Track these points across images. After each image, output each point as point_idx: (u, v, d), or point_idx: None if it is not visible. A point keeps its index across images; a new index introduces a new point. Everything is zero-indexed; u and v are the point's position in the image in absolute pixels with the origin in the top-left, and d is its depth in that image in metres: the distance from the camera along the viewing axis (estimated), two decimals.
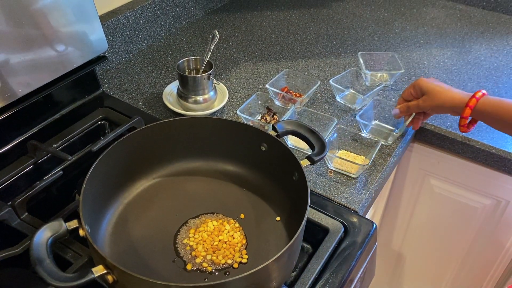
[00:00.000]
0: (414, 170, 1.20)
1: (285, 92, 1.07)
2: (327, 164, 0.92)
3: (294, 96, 1.07)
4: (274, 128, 0.78)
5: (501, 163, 1.02)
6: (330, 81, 1.08)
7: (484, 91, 0.85)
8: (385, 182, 0.97)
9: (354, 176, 0.90)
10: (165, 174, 0.84)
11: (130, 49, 1.24)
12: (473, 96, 0.85)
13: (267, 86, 1.06)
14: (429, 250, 1.34)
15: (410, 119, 0.98)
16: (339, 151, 0.96)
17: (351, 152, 0.96)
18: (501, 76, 1.21)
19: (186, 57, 1.04)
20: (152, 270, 0.69)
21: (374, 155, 0.92)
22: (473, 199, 1.16)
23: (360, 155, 0.95)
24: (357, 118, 0.99)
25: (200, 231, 0.75)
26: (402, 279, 1.48)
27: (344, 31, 1.41)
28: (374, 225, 0.81)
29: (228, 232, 0.75)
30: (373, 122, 1.04)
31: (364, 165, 0.89)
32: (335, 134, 0.95)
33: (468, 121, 0.88)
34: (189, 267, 0.70)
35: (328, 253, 0.75)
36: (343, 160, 0.90)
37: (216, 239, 0.74)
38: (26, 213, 0.77)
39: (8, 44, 0.80)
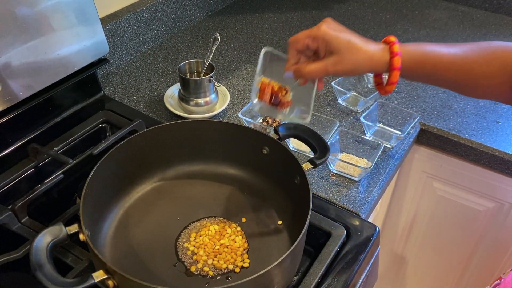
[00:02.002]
0: (417, 173, 1.19)
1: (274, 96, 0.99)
2: (329, 167, 0.92)
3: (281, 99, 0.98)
4: (276, 131, 0.78)
5: (505, 166, 1.01)
6: (332, 83, 1.07)
7: (394, 39, 0.68)
8: (387, 185, 0.96)
9: (356, 179, 0.90)
10: (166, 178, 0.84)
11: (131, 52, 1.24)
12: (394, 53, 0.67)
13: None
14: (432, 253, 1.33)
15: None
16: (341, 154, 0.95)
17: (353, 155, 0.95)
18: None
19: (187, 60, 1.04)
20: (153, 275, 0.68)
21: (376, 158, 0.91)
22: (476, 202, 1.15)
23: (362, 158, 0.94)
24: (362, 119, 0.98)
25: (201, 235, 0.74)
26: (405, 282, 1.47)
27: None
28: (377, 228, 0.80)
29: (230, 236, 0.75)
30: (377, 125, 1.03)
31: (366, 168, 0.89)
32: (337, 137, 0.95)
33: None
34: (191, 270, 0.69)
35: (330, 257, 0.74)
36: (346, 163, 0.90)
37: (217, 243, 0.73)
38: (27, 217, 0.77)
39: (9, 46, 0.80)
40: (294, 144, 0.96)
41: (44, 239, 0.57)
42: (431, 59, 0.69)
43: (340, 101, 1.10)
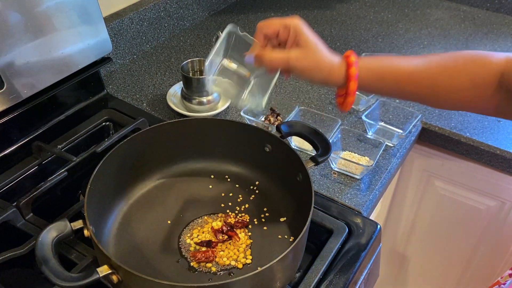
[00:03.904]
0: (418, 171, 1.20)
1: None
2: (331, 165, 0.92)
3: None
4: (278, 129, 0.79)
5: (506, 164, 1.02)
6: None
7: (350, 52, 0.66)
8: (389, 183, 0.97)
9: (358, 177, 0.90)
10: (169, 175, 0.84)
11: (134, 51, 1.25)
12: (349, 63, 0.65)
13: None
14: (434, 251, 1.33)
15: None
16: (343, 152, 0.96)
17: (355, 153, 0.96)
18: None
19: (190, 59, 1.04)
20: (156, 270, 0.69)
21: (378, 156, 0.92)
22: (477, 201, 1.16)
23: (364, 156, 0.95)
24: (363, 117, 0.98)
25: (204, 232, 0.75)
26: (407, 280, 1.48)
27: (347, 33, 1.41)
28: (378, 226, 0.81)
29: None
30: (379, 123, 1.04)
31: (368, 166, 0.89)
32: (339, 135, 0.95)
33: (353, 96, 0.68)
34: (194, 266, 0.70)
35: (332, 254, 0.75)
36: (347, 161, 0.90)
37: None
38: (31, 214, 0.78)
39: (13, 45, 0.81)
40: (296, 142, 0.97)
41: (49, 234, 0.58)
42: (390, 71, 0.66)
43: None
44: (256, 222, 0.77)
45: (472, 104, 0.67)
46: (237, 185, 0.84)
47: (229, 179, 0.85)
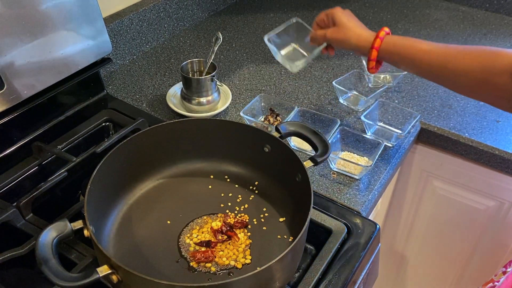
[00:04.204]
0: (417, 172, 1.20)
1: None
2: (330, 165, 0.93)
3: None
4: (277, 130, 0.79)
5: (505, 165, 1.02)
6: (333, 82, 1.08)
7: (387, 30, 0.84)
8: (388, 183, 0.97)
9: (357, 177, 0.91)
10: (169, 175, 0.84)
11: (134, 51, 1.25)
12: (377, 36, 0.83)
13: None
14: (433, 251, 1.33)
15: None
16: (342, 153, 0.96)
17: (354, 153, 0.96)
18: None
19: (189, 59, 1.05)
20: (156, 270, 0.69)
21: (377, 157, 0.92)
22: (476, 201, 1.16)
23: (363, 157, 0.95)
24: (362, 118, 0.99)
25: (203, 232, 0.75)
26: (405, 280, 1.48)
27: None
28: (377, 226, 0.81)
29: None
30: (378, 123, 1.04)
31: (367, 166, 0.90)
32: (338, 135, 0.96)
33: (375, 62, 0.86)
34: (194, 266, 0.70)
35: (331, 254, 0.75)
36: (346, 161, 0.91)
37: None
38: (31, 214, 0.78)
39: (14, 46, 0.81)
40: (295, 143, 0.97)
41: (50, 234, 0.58)
42: (410, 46, 0.81)
43: (341, 100, 1.11)
44: (255, 222, 0.78)
45: (481, 89, 0.74)
46: (236, 185, 0.84)
47: (228, 179, 0.85)
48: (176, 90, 1.09)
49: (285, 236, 0.75)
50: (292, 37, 0.97)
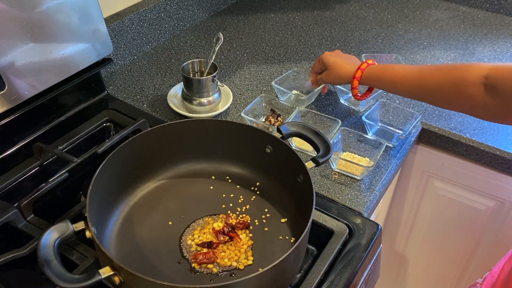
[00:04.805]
0: (418, 172, 1.20)
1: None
2: (332, 166, 0.93)
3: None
4: (278, 130, 0.79)
5: (506, 165, 1.02)
6: None
7: (370, 62, 0.94)
8: (389, 184, 0.97)
9: (358, 177, 0.91)
10: (170, 176, 0.84)
11: (135, 52, 1.25)
12: (359, 68, 0.94)
13: (273, 83, 1.06)
14: (433, 252, 1.33)
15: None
16: (344, 153, 0.96)
17: (355, 154, 0.96)
18: None
19: (190, 59, 1.05)
20: (158, 272, 0.69)
21: (378, 157, 0.92)
22: (477, 201, 1.16)
23: (364, 157, 0.95)
24: (363, 118, 0.99)
25: (205, 233, 0.75)
26: (406, 280, 1.48)
27: (347, 33, 1.41)
28: (379, 226, 0.81)
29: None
30: (379, 124, 1.04)
31: (368, 167, 0.90)
32: (340, 136, 0.96)
33: (359, 89, 0.97)
34: (195, 268, 0.70)
35: (333, 255, 0.75)
36: (348, 162, 0.91)
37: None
38: (32, 215, 0.78)
39: (14, 46, 0.81)
40: (296, 143, 0.97)
41: (51, 235, 0.58)
42: (388, 73, 0.91)
43: (342, 101, 1.11)
44: (257, 223, 0.78)
45: (457, 101, 0.81)
46: (238, 186, 0.84)
47: (230, 180, 0.85)
48: (177, 90, 1.09)
49: (287, 237, 0.75)
50: (292, 85, 1.12)
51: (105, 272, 0.57)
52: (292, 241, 0.74)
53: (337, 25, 1.45)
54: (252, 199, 0.82)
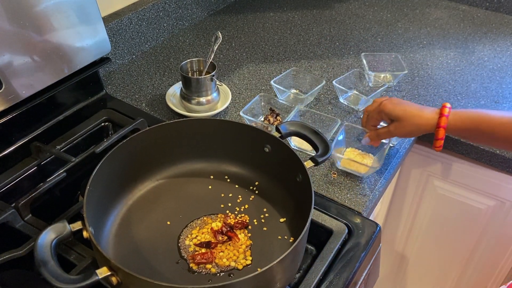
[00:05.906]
0: (418, 171, 1.20)
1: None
2: (336, 163, 0.92)
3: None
4: (277, 129, 0.78)
5: (505, 164, 1.02)
6: (333, 82, 1.08)
7: (448, 105, 0.82)
8: (389, 183, 0.97)
9: (364, 175, 0.90)
10: (169, 176, 0.84)
11: (133, 51, 1.25)
12: (442, 114, 0.81)
13: (272, 82, 1.06)
14: (433, 251, 1.33)
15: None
16: (347, 149, 0.95)
17: (359, 149, 0.95)
18: (505, 76, 1.21)
19: (189, 59, 1.04)
20: (156, 272, 0.69)
21: (383, 157, 0.91)
22: (477, 200, 1.16)
23: (368, 153, 0.94)
24: None
25: (203, 233, 0.75)
26: (406, 280, 1.48)
27: (347, 32, 1.40)
28: (378, 226, 0.81)
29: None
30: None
31: (374, 167, 0.89)
32: (343, 133, 0.95)
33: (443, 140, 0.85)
34: (194, 268, 0.70)
35: (332, 255, 0.74)
36: (353, 161, 0.90)
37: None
38: (30, 215, 0.77)
39: (12, 46, 0.80)
40: (295, 143, 0.97)
41: (48, 236, 0.58)
42: (481, 121, 0.79)
43: (341, 100, 1.10)
44: (256, 223, 0.77)
45: None
46: (236, 186, 0.83)
47: (228, 180, 0.85)
48: (175, 89, 1.08)
49: (285, 237, 0.75)
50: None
51: (103, 272, 0.56)
52: (291, 241, 0.74)
53: (336, 24, 1.45)
54: (251, 198, 0.81)
